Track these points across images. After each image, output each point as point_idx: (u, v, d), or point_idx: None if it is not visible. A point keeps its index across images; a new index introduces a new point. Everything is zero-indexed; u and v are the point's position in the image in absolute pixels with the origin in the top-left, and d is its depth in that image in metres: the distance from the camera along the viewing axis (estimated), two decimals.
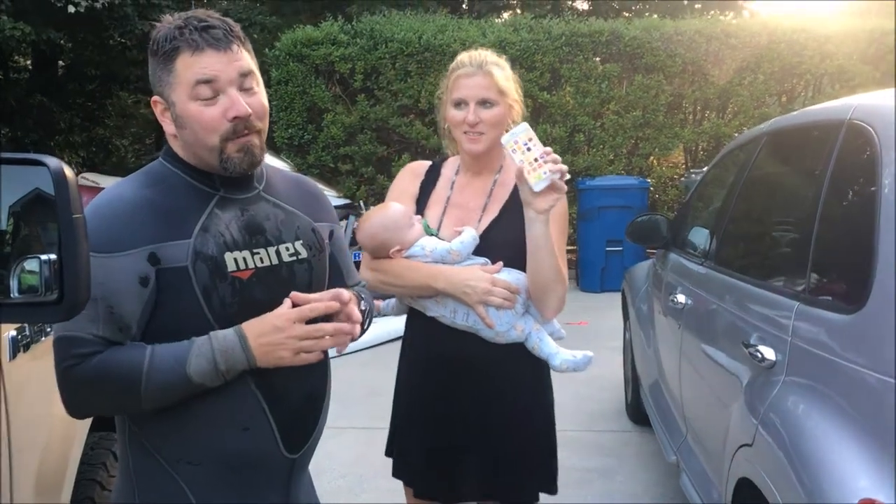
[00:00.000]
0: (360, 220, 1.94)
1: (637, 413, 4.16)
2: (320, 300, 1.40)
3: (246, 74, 1.36)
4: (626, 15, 14.19)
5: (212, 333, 1.33)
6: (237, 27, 1.39)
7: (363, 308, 1.57)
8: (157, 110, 1.40)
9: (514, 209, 1.86)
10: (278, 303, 1.38)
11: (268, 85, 8.64)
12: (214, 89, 1.32)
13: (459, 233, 1.93)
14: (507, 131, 1.81)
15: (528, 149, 1.74)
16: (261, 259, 1.41)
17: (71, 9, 8.24)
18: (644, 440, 4.03)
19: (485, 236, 1.94)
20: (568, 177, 1.78)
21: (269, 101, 1.48)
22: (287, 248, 1.47)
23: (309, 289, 1.47)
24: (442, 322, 1.93)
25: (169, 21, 1.36)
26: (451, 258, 1.89)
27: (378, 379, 4.92)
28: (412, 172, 2.10)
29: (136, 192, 1.37)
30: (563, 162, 1.79)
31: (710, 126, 9.35)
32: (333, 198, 7.90)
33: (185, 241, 1.34)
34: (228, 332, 1.34)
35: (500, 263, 1.90)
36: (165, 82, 1.35)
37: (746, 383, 2.01)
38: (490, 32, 9.05)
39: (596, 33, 9.08)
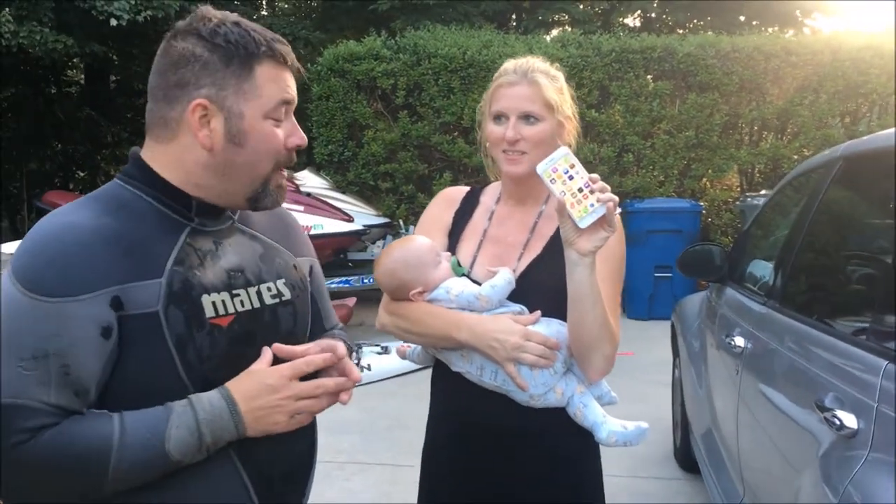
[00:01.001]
0: (379, 254, 1.67)
1: (686, 460, 3.80)
2: (307, 352, 1.18)
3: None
4: (680, 31, 13.76)
5: (193, 398, 1.09)
6: None
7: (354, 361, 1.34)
8: (195, 116, 1.12)
9: (559, 248, 1.52)
10: (259, 355, 1.16)
11: (309, 100, 8.52)
12: (287, 112, 1.18)
13: (494, 274, 1.61)
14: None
15: (570, 177, 1.42)
16: (241, 302, 1.17)
17: (113, 22, 8.24)
18: (695, 490, 3.67)
19: (523, 279, 1.62)
20: (619, 210, 1.47)
21: (311, 117, 1.33)
22: (269, 289, 1.23)
23: (292, 335, 1.24)
24: (469, 379, 1.61)
25: (216, 15, 1.13)
26: (480, 304, 1.57)
27: (404, 411, 4.68)
28: (446, 199, 1.81)
29: (92, 220, 1.10)
30: (611, 183, 1.46)
31: (767, 147, 8.89)
32: (372, 217, 7.71)
33: (155, 281, 1.09)
34: (213, 396, 1.09)
35: (538, 313, 1.57)
36: (234, 88, 1.11)
37: (822, 451, 1.69)
38: (537, 48, 8.75)
39: (648, 49, 8.72)
